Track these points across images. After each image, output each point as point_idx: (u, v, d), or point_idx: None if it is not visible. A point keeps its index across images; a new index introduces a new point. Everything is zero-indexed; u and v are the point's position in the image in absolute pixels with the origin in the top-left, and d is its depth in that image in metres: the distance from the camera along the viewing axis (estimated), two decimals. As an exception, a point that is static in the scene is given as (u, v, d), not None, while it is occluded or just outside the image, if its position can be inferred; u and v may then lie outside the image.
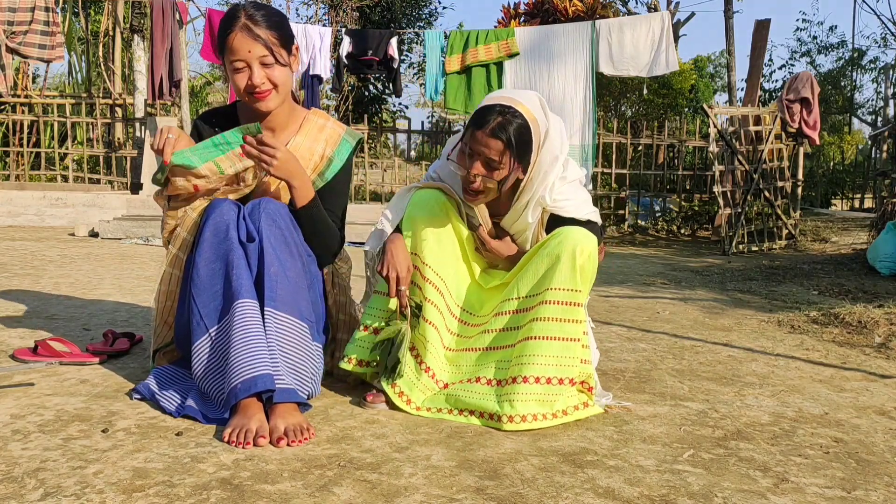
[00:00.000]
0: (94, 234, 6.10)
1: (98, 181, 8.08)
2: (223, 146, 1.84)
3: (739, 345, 2.84)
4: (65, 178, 8.11)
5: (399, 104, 15.43)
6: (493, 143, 1.81)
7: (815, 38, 18.94)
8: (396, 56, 7.78)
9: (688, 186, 8.17)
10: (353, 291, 2.31)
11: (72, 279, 3.78)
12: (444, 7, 36.58)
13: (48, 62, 7.31)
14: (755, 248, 6.69)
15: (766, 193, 6.88)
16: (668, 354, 2.64)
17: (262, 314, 1.77)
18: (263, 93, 1.90)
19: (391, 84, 8.24)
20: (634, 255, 6.21)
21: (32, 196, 7.01)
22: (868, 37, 36.69)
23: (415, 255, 1.95)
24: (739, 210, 6.65)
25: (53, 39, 7.00)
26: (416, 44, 14.32)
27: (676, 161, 8.42)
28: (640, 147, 8.55)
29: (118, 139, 8.22)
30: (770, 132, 6.85)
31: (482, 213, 2.00)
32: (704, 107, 6.77)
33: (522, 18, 9.50)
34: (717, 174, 6.58)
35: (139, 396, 1.88)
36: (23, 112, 8.17)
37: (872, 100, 19.74)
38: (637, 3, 14.72)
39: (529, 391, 1.79)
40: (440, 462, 1.56)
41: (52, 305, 3.07)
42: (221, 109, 2.10)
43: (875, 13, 20.36)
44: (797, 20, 29.81)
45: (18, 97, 8.19)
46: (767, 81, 16.51)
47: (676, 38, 8.98)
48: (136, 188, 7.61)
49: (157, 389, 1.86)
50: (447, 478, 1.48)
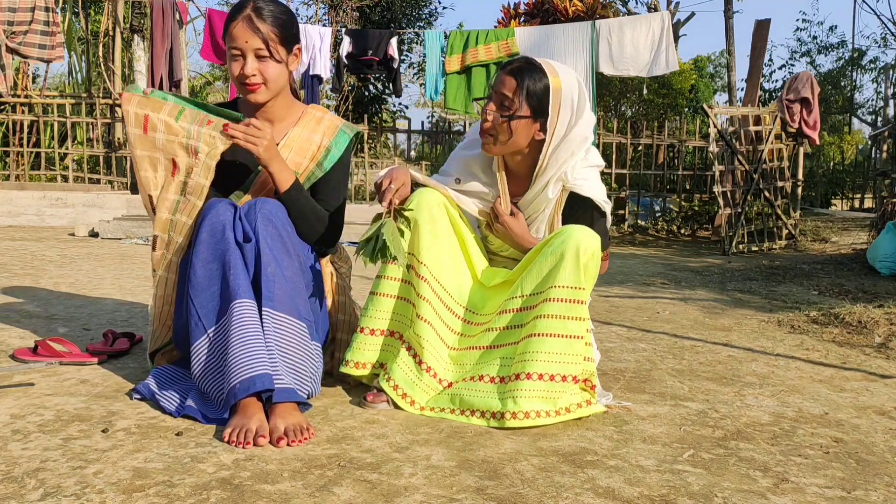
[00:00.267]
0: (94, 234, 6.10)
1: (98, 181, 8.08)
2: (199, 106, 1.96)
3: (739, 345, 2.84)
4: (65, 178, 8.11)
5: (399, 104, 15.44)
6: (508, 81, 1.91)
7: (815, 38, 18.97)
8: (396, 56, 7.78)
9: (688, 186, 8.17)
10: (354, 292, 2.31)
11: (72, 279, 3.78)
12: (444, 7, 36.58)
13: (48, 62, 7.31)
14: (755, 248, 6.69)
15: (766, 193, 6.88)
16: (668, 354, 2.64)
17: (261, 314, 1.77)
18: (253, 85, 1.94)
19: (391, 84, 8.23)
20: (634, 255, 6.21)
21: (32, 196, 7.01)
22: (868, 37, 36.69)
23: (411, 255, 1.96)
24: (739, 210, 6.65)
25: (53, 39, 7.00)
26: (416, 44, 14.32)
27: (676, 161, 8.42)
28: (640, 147, 8.55)
29: (118, 139, 8.22)
30: (770, 132, 6.85)
31: (503, 187, 2.05)
32: (704, 107, 6.77)
33: (522, 18, 9.50)
34: (717, 174, 6.58)
35: (139, 396, 1.88)
36: (23, 112, 8.17)
37: (872, 100, 19.78)
38: (637, 3, 14.73)
39: (533, 388, 1.80)
40: (440, 462, 1.56)
41: (52, 305, 3.07)
42: (223, 104, 2.12)
43: (875, 13, 20.38)
44: (797, 20, 29.82)
45: (18, 97, 8.19)
46: (767, 81, 16.52)
47: (676, 38, 8.99)
48: (136, 188, 7.61)
49: (157, 389, 1.86)
50: (447, 478, 1.48)
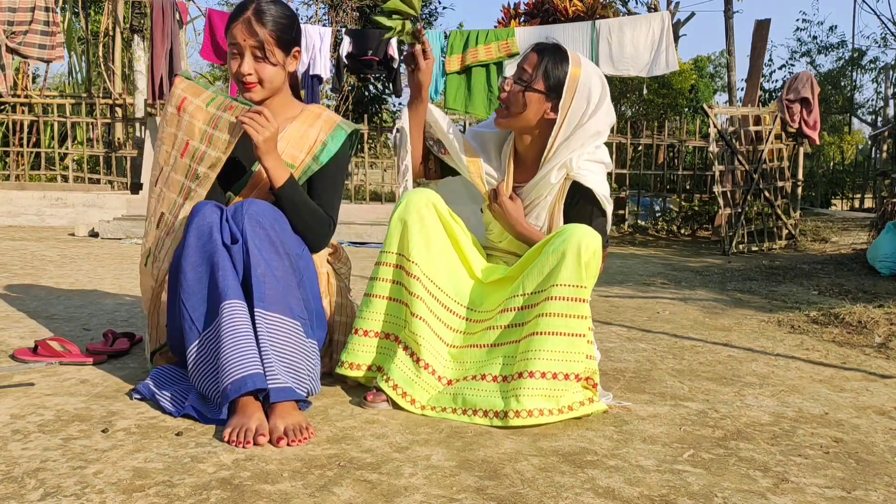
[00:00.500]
0: (94, 234, 6.10)
1: (98, 181, 8.08)
2: (220, 93, 2.02)
3: (739, 345, 2.84)
4: (65, 178, 8.11)
5: (399, 104, 15.41)
6: (531, 57, 2.07)
7: (815, 38, 18.98)
8: (396, 56, 7.76)
9: (688, 186, 8.17)
10: (353, 293, 2.31)
11: (72, 279, 3.78)
12: (444, 7, 36.58)
13: (48, 62, 7.31)
14: (755, 248, 6.69)
15: (766, 193, 6.88)
16: (668, 354, 2.64)
17: (252, 316, 1.77)
18: (249, 84, 2.00)
19: (391, 84, 8.22)
20: (634, 255, 6.21)
21: (32, 196, 7.01)
22: (868, 37, 36.72)
23: (400, 255, 1.97)
24: (739, 210, 6.65)
25: (53, 39, 7.00)
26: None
27: (676, 161, 8.42)
28: (640, 147, 8.55)
29: (118, 139, 8.22)
30: (770, 132, 6.85)
31: (509, 170, 2.15)
32: (704, 107, 6.77)
33: (522, 18, 9.49)
34: (717, 174, 6.57)
35: (139, 396, 1.88)
36: (23, 112, 8.17)
37: (872, 100, 19.78)
38: (637, 3, 14.73)
39: (535, 386, 1.80)
40: (440, 462, 1.56)
41: (52, 305, 3.07)
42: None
43: (875, 13, 20.41)
44: (797, 20, 29.88)
45: (18, 97, 8.19)
46: (767, 81, 16.53)
47: (676, 38, 8.99)
48: (136, 188, 7.61)
49: (157, 389, 1.86)
50: (447, 478, 1.48)
